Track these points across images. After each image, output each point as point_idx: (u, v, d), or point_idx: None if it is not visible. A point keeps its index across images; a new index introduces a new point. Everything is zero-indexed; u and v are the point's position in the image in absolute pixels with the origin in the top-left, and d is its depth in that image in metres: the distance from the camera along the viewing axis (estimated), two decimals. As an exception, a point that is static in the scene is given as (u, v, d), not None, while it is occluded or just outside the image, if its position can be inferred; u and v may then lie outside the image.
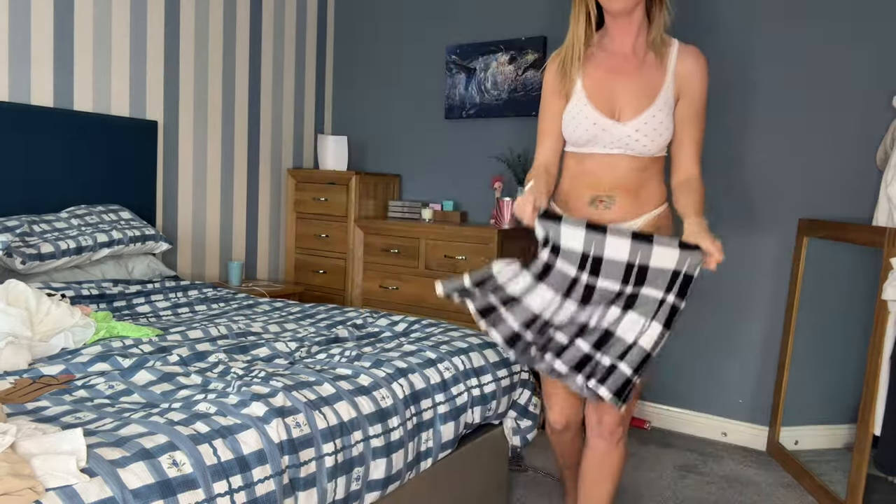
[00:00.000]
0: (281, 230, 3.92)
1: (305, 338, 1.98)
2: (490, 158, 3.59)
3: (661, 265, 1.52)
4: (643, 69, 1.70)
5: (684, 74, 1.70)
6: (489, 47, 3.52)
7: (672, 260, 1.51)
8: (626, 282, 1.53)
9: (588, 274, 1.54)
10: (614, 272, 1.53)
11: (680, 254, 1.51)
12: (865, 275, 2.65)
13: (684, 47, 1.72)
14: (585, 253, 1.53)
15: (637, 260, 1.52)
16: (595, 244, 1.53)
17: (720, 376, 3.01)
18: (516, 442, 2.12)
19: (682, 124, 1.72)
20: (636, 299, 1.54)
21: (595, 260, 1.53)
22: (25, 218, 2.47)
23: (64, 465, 1.01)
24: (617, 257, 1.52)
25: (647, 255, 1.52)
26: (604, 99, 1.70)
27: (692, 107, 1.70)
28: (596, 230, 1.52)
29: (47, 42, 2.75)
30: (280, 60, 3.82)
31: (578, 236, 1.53)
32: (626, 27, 1.70)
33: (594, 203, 1.73)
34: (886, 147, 2.52)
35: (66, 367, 1.58)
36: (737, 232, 2.94)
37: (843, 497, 2.30)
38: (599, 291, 1.54)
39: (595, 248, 1.53)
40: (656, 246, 1.51)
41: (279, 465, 1.28)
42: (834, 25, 2.70)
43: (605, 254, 1.53)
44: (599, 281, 1.54)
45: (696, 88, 1.70)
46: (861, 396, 2.22)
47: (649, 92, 1.68)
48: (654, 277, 1.52)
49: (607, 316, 1.56)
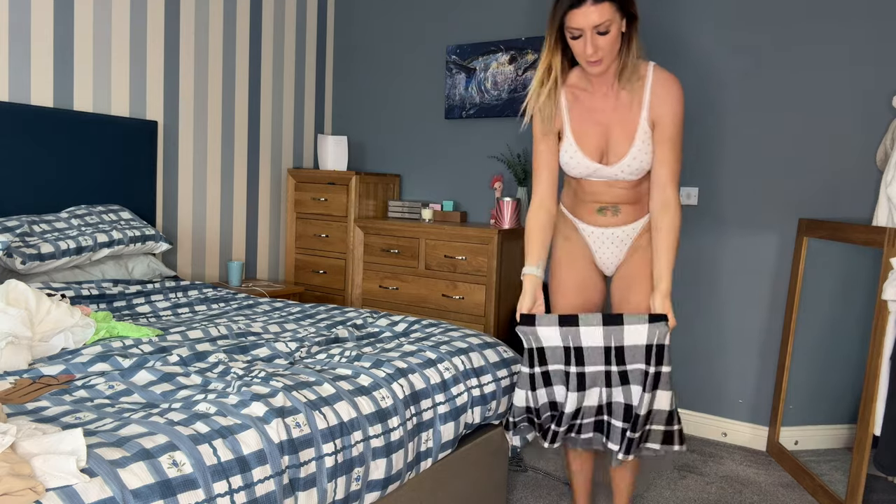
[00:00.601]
0: (281, 230, 3.92)
1: (305, 338, 1.98)
2: (490, 158, 3.59)
3: (634, 342, 1.71)
4: (619, 108, 1.82)
5: (656, 104, 1.79)
6: (489, 47, 3.52)
7: (642, 336, 1.70)
8: (609, 363, 1.73)
9: (575, 365, 1.75)
10: (596, 357, 1.73)
11: (648, 328, 1.70)
12: (865, 275, 2.65)
13: (658, 76, 1.80)
14: (566, 346, 1.74)
15: (612, 343, 1.72)
16: (571, 336, 1.73)
17: (720, 376, 3.01)
18: (516, 442, 2.12)
19: (657, 145, 1.81)
20: (628, 374, 1.73)
21: (576, 350, 1.74)
22: (25, 218, 2.47)
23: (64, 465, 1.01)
24: (594, 344, 1.73)
25: (619, 337, 1.71)
26: (591, 147, 1.85)
27: (665, 132, 1.79)
28: (568, 323, 1.73)
29: (47, 42, 2.75)
30: (280, 60, 3.82)
31: (554, 334, 1.74)
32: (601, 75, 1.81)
33: (602, 211, 1.92)
34: (886, 147, 2.52)
35: (66, 367, 1.58)
36: (737, 232, 2.94)
37: (843, 497, 2.30)
38: (590, 375, 1.74)
39: (573, 340, 1.73)
40: (626, 326, 1.70)
41: (279, 465, 1.28)
42: (834, 25, 2.70)
43: (582, 343, 1.73)
44: (587, 368, 1.74)
45: (667, 116, 1.79)
46: (861, 396, 2.22)
47: (628, 133, 1.81)
48: (631, 355, 1.72)
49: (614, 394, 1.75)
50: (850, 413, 2.79)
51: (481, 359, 1.97)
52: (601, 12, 1.66)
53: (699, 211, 3.02)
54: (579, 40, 1.71)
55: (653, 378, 1.70)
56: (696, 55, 2.98)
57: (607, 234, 1.93)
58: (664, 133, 1.79)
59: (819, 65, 2.74)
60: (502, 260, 3.19)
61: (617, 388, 1.74)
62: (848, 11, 2.68)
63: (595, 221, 1.94)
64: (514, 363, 2.07)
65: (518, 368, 2.08)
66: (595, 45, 1.70)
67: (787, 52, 2.80)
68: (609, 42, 1.70)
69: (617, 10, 1.68)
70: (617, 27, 1.70)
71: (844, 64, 2.70)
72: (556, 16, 1.75)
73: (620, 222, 1.91)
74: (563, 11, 1.71)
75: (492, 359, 2.00)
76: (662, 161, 1.80)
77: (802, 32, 2.77)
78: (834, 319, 2.77)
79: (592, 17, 1.66)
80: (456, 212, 3.57)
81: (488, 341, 2.08)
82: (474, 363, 1.93)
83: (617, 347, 1.72)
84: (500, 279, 3.19)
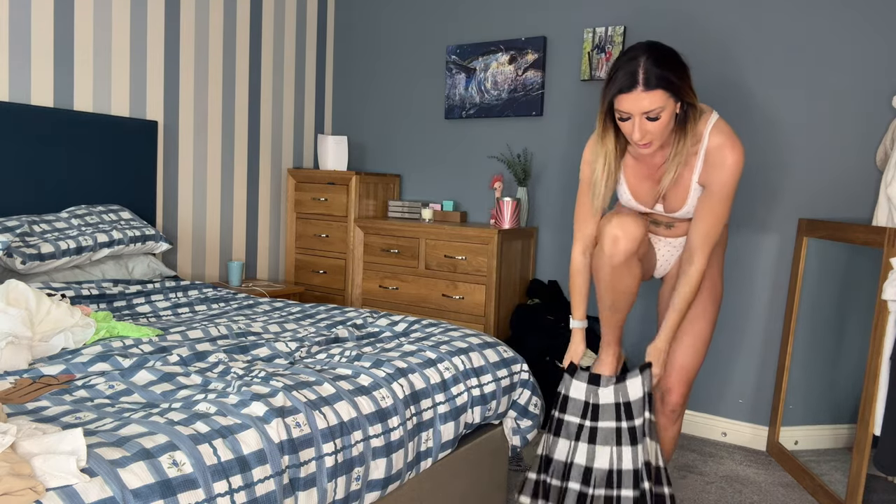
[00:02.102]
0: (281, 230, 3.92)
1: (305, 338, 1.98)
2: (490, 158, 3.59)
3: (636, 396, 1.87)
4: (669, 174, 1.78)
5: (708, 171, 1.73)
6: (489, 47, 3.52)
7: (640, 387, 1.86)
8: (620, 419, 1.86)
9: (590, 420, 1.90)
10: (609, 414, 1.88)
11: (642, 377, 1.86)
12: (865, 275, 2.65)
13: (714, 141, 1.71)
14: (586, 401, 1.92)
15: (621, 399, 1.87)
16: (593, 394, 1.91)
17: (720, 376, 3.01)
18: (516, 442, 2.12)
19: (701, 203, 1.78)
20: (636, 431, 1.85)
21: (594, 407, 1.90)
22: (25, 218, 2.47)
23: (64, 465, 1.01)
24: (607, 401, 1.89)
25: (626, 393, 1.87)
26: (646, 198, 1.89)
27: (710, 197, 1.75)
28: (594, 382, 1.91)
29: (47, 42, 2.75)
30: (280, 60, 3.82)
31: (581, 388, 1.93)
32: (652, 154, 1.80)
33: (657, 223, 1.97)
34: (886, 147, 2.52)
35: (66, 367, 1.58)
36: (737, 232, 2.94)
37: (843, 497, 2.30)
38: (602, 431, 1.88)
39: (593, 398, 1.91)
40: (629, 381, 1.87)
41: (279, 464, 1.29)
42: (834, 25, 2.70)
43: (600, 401, 1.90)
44: (600, 423, 1.88)
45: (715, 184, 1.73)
46: (861, 396, 2.22)
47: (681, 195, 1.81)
48: (637, 408, 1.86)
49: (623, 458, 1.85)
50: (850, 413, 2.79)
51: (481, 359, 1.97)
52: (652, 99, 1.58)
53: (699, 211, 3.02)
54: (627, 122, 1.65)
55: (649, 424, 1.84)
56: (694, 53, 2.99)
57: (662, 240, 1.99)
58: (711, 197, 1.76)
59: (819, 64, 2.74)
60: (502, 260, 3.19)
61: (626, 449, 1.83)
62: (848, 11, 2.68)
63: (651, 231, 1.99)
64: (513, 363, 2.07)
65: (518, 369, 2.08)
66: (643, 130, 1.63)
67: (787, 51, 2.80)
68: (659, 127, 1.63)
69: (671, 96, 1.61)
70: (669, 112, 1.62)
71: (844, 64, 2.70)
72: (606, 97, 1.67)
73: (674, 234, 1.95)
74: (613, 94, 1.64)
75: (492, 359, 2.00)
76: (700, 221, 1.77)
77: (802, 32, 2.77)
78: (834, 319, 2.77)
79: (643, 103, 1.59)
80: (456, 212, 3.57)
81: (488, 341, 2.08)
82: (474, 363, 1.93)
83: (625, 403, 1.86)
84: (500, 279, 3.19)
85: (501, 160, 3.52)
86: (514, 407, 2.07)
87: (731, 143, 1.70)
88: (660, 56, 1.59)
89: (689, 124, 1.67)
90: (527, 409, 2.08)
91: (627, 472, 1.82)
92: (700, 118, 1.71)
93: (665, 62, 1.59)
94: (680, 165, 1.72)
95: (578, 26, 3.28)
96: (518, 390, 2.07)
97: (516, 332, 3.18)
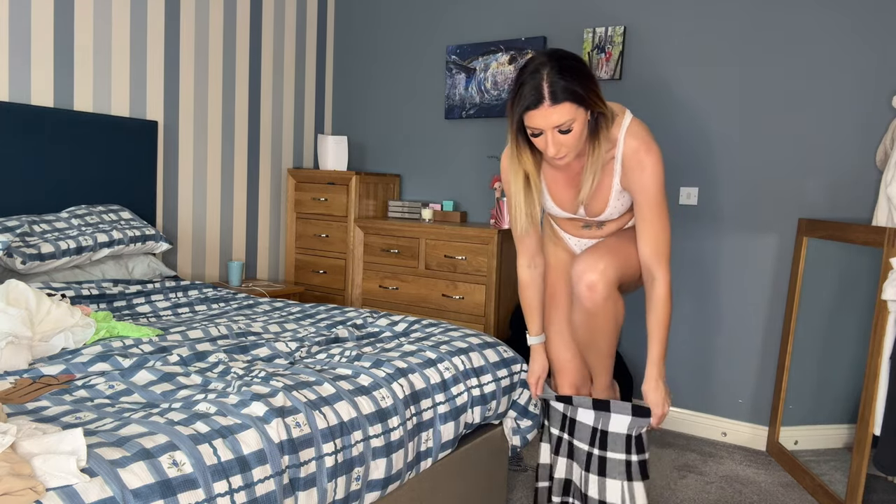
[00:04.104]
0: (281, 230, 3.92)
1: (305, 338, 1.98)
2: (490, 158, 3.59)
3: (617, 430, 1.80)
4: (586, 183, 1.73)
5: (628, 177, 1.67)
6: (489, 47, 3.52)
7: (624, 426, 1.79)
8: (593, 444, 1.83)
9: (567, 433, 1.89)
10: (584, 434, 1.85)
11: (631, 420, 1.78)
12: (865, 275, 2.65)
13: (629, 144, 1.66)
14: (564, 414, 1.90)
15: (600, 425, 1.82)
16: (570, 410, 1.88)
17: (720, 376, 3.01)
18: (516, 442, 2.12)
19: (637, 219, 1.72)
20: (606, 464, 1.82)
21: (571, 421, 1.88)
22: (26, 218, 2.47)
23: (64, 465, 1.01)
24: (585, 421, 1.85)
25: (606, 422, 1.81)
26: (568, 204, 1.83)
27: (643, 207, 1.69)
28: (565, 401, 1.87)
29: (47, 42, 2.75)
30: (280, 60, 3.82)
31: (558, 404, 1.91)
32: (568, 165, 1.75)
33: (587, 226, 1.91)
34: (886, 147, 2.52)
35: (67, 367, 1.58)
36: (737, 232, 2.94)
37: (843, 497, 2.30)
38: (577, 450, 1.87)
39: (570, 412, 1.87)
40: (613, 414, 1.80)
41: (279, 464, 1.29)
42: (834, 25, 2.70)
43: (577, 417, 1.86)
44: (575, 441, 1.87)
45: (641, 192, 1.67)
46: (861, 396, 2.22)
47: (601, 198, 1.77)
48: (613, 441, 1.81)
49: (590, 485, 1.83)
50: (850, 413, 2.79)
51: (481, 359, 1.97)
52: (561, 113, 1.52)
53: (699, 211, 3.02)
54: (540, 138, 1.59)
55: (638, 466, 1.80)
56: (695, 54, 2.98)
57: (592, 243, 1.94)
58: (641, 208, 1.69)
59: (819, 64, 2.74)
60: (502, 260, 3.19)
61: (593, 478, 1.82)
62: (848, 11, 2.68)
63: (580, 234, 1.94)
64: (513, 363, 2.07)
65: (518, 369, 2.08)
66: (558, 144, 1.57)
67: (787, 51, 2.80)
68: (573, 139, 1.57)
69: (579, 106, 1.54)
70: (581, 122, 1.56)
71: (845, 64, 2.70)
72: (514, 114, 1.60)
73: (605, 233, 1.91)
74: (520, 112, 1.57)
75: (492, 359, 2.00)
76: (644, 237, 1.70)
77: (802, 32, 2.77)
78: (834, 319, 2.77)
79: (552, 118, 1.53)
80: (456, 212, 3.57)
81: (488, 341, 2.08)
82: (474, 363, 1.93)
83: (602, 431, 1.81)
84: (500, 279, 3.19)
85: (501, 160, 3.51)
86: (514, 407, 2.07)
87: (645, 147, 1.65)
88: (563, 67, 1.53)
89: (601, 131, 1.62)
90: (527, 409, 2.08)
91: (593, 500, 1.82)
92: (613, 122, 1.66)
93: (569, 73, 1.53)
94: (597, 173, 1.66)
95: (578, 26, 3.28)
96: (518, 390, 2.07)
97: (516, 332, 3.18)
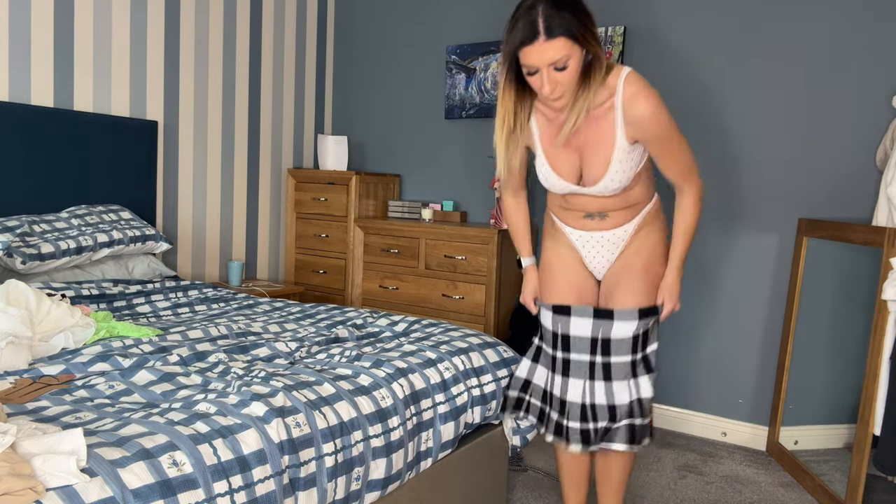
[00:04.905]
0: (281, 230, 3.92)
1: (305, 338, 1.98)
2: (490, 158, 3.59)
3: (621, 336, 1.76)
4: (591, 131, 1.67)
5: (632, 126, 1.64)
6: (489, 47, 3.52)
7: (630, 330, 1.76)
8: (595, 353, 1.78)
9: (561, 351, 1.82)
10: (582, 346, 1.79)
11: (637, 323, 1.76)
12: (865, 275, 2.65)
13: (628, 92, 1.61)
14: (554, 332, 1.83)
15: (600, 335, 1.77)
16: (561, 324, 1.81)
17: (720, 376, 3.01)
18: (516, 442, 2.12)
19: (656, 157, 1.71)
20: (611, 368, 1.77)
21: (563, 338, 1.81)
22: (26, 218, 2.47)
23: (64, 465, 1.01)
24: (581, 334, 1.79)
25: (607, 330, 1.77)
26: (565, 170, 1.73)
27: (656, 148, 1.68)
28: (561, 312, 1.81)
29: (47, 42, 2.75)
30: (280, 60, 3.82)
31: (548, 317, 1.85)
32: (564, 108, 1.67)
33: (589, 216, 1.83)
34: (886, 147, 2.52)
35: (67, 367, 1.58)
36: (737, 232, 2.94)
37: (843, 497, 2.30)
38: (574, 364, 1.80)
39: (562, 328, 1.81)
40: (616, 321, 1.76)
41: (279, 464, 1.29)
42: (834, 25, 2.70)
43: (570, 332, 1.80)
44: (572, 355, 1.80)
45: (648, 134, 1.65)
46: (861, 396, 2.22)
47: (603, 157, 1.67)
48: (617, 347, 1.77)
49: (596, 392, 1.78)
50: (850, 413, 2.79)
51: (481, 358, 1.97)
52: (557, 48, 1.49)
53: (699, 211, 3.01)
54: (535, 76, 1.56)
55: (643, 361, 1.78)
56: (695, 54, 2.98)
57: (596, 237, 1.83)
58: (655, 149, 1.68)
59: (819, 64, 2.74)
60: (502, 260, 3.19)
61: (599, 384, 1.78)
62: (849, 11, 2.68)
63: (583, 226, 1.84)
64: (513, 363, 2.07)
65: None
66: (553, 82, 1.55)
67: (787, 51, 2.80)
68: (568, 77, 1.55)
69: (574, 43, 1.51)
70: (577, 60, 1.53)
71: (845, 63, 2.70)
72: (507, 51, 1.57)
73: (609, 226, 1.81)
74: (514, 47, 1.54)
75: (492, 358, 2.00)
76: (667, 168, 1.72)
77: (802, 32, 2.77)
78: (834, 320, 2.77)
79: (548, 54, 1.50)
80: (456, 212, 3.57)
81: (488, 341, 2.08)
82: (474, 363, 1.93)
83: (604, 339, 1.77)
84: (500, 279, 3.19)
85: (501, 160, 3.51)
86: (514, 407, 2.07)
87: (644, 91, 1.61)
88: (560, 2, 1.51)
89: (594, 72, 1.58)
90: (527, 409, 2.08)
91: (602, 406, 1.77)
92: (612, 71, 1.64)
93: (566, 8, 1.50)
94: (583, 113, 1.61)
95: (578, 26, 3.28)
96: (518, 390, 2.07)
97: (516, 332, 3.18)
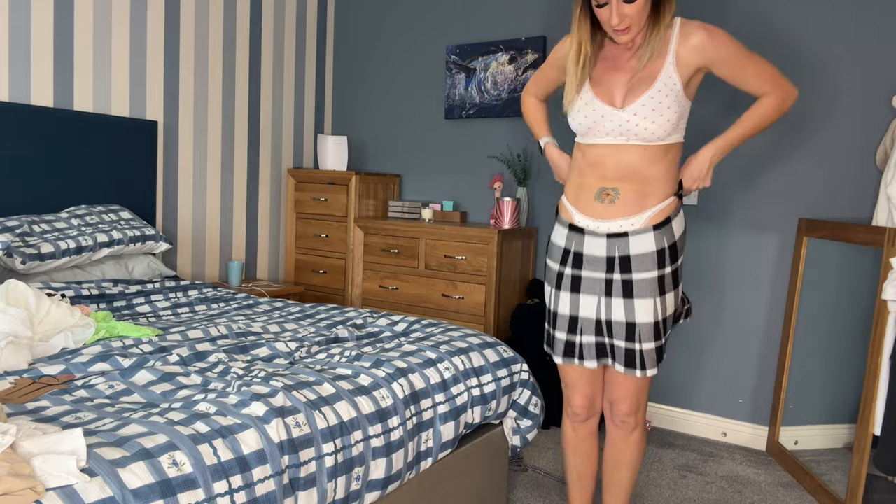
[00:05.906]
0: (281, 230, 3.92)
1: (305, 338, 1.98)
2: (490, 158, 3.59)
3: (642, 251, 1.68)
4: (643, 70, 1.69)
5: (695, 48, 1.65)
6: (489, 47, 3.52)
7: (650, 243, 1.67)
8: (612, 271, 1.70)
9: (572, 268, 1.75)
10: (597, 265, 1.72)
11: (655, 235, 1.67)
12: (865, 275, 2.65)
13: (685, 27, 1.67)
14: (566, 249, 1.76)
15: (616, 253, 1.69)
16: (575, 242, 1.75)
17: (720, 376, 3.01)
18: (516, 442, 2.12)
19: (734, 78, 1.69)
20: (632, 285, 1.68)
21: (576, 255, 1.75)
22: (25, 218, 2.47)
23: (64, 465, 1.01)
24: (596, 254, 1.72)
25: (624, 247, 1.68)
26: (605, 90, 1.71)
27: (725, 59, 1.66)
28: (575, 231, 1.74)
29: (47, 42, 2.75)
30: (280, 60, 3.82)
31: (562, 234, 1.78)
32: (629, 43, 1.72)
33: (600, 196, 1.72)
34: (886, 147, 2.52)
35: (66, 367, 1.58)
36: (737, 232, 2.94)
37: (843, 497, 2.30)
38: (586, 280, 1.73)
39: (576, 245, 1.75)
40: (632, 237, 1.68)
41: (279, 464, 1.29)
42: (834, 24, 2.70)
43: (584, 251, 1.73)
44: (584, 272, 1.74)
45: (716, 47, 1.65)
46: (861, 396, 2.22)
47: (648, 78, 1.67)
48: (639, 262, 1.68)
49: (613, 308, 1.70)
50: (850, 413, 2.79)
51: (481, 358, 1.97)
52: None
53: (699, 211, 3.02)
54: (604, 8, 1.62)
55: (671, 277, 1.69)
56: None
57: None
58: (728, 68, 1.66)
59: (819, 64, 2.74)
60: (502, 260, 3.19)
61: (618, 300, 1.69)
62: (849, 10, 2.68)
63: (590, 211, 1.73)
64: (513, 363, 2.07)
65: (518, 369, 2.08)
66: (621, 14, 1.60)
67: (787, 50, 2.80)
68: (636, 10, 1.60)
69: None
70: None
71: (844, 63, 2.70)
72: None
73: (618, 213, 1.69)
74: None
75: (492, 358, 2.00)
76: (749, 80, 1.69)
77: (802, 31, 2.77)
78: (834, 319, 2.77)
79: None
80: (456, 212, 3.57)
81: (488, 341, 2.08)
82: (474, 363, 1.93)
83: (622, 257, 1.68)
84: (500, 279, 3.19)
85: (501, 160, 3.51)
86: (514, 407, 2.07)
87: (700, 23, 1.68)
88: None
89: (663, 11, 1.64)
90: (527, 409, 2.08)
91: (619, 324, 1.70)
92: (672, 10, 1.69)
93: None
94: (655, 49, 1.66)
95: (578, 26, 3.28)
96: (518, 390, 2.07)
97: (516, 332, 3.18)
